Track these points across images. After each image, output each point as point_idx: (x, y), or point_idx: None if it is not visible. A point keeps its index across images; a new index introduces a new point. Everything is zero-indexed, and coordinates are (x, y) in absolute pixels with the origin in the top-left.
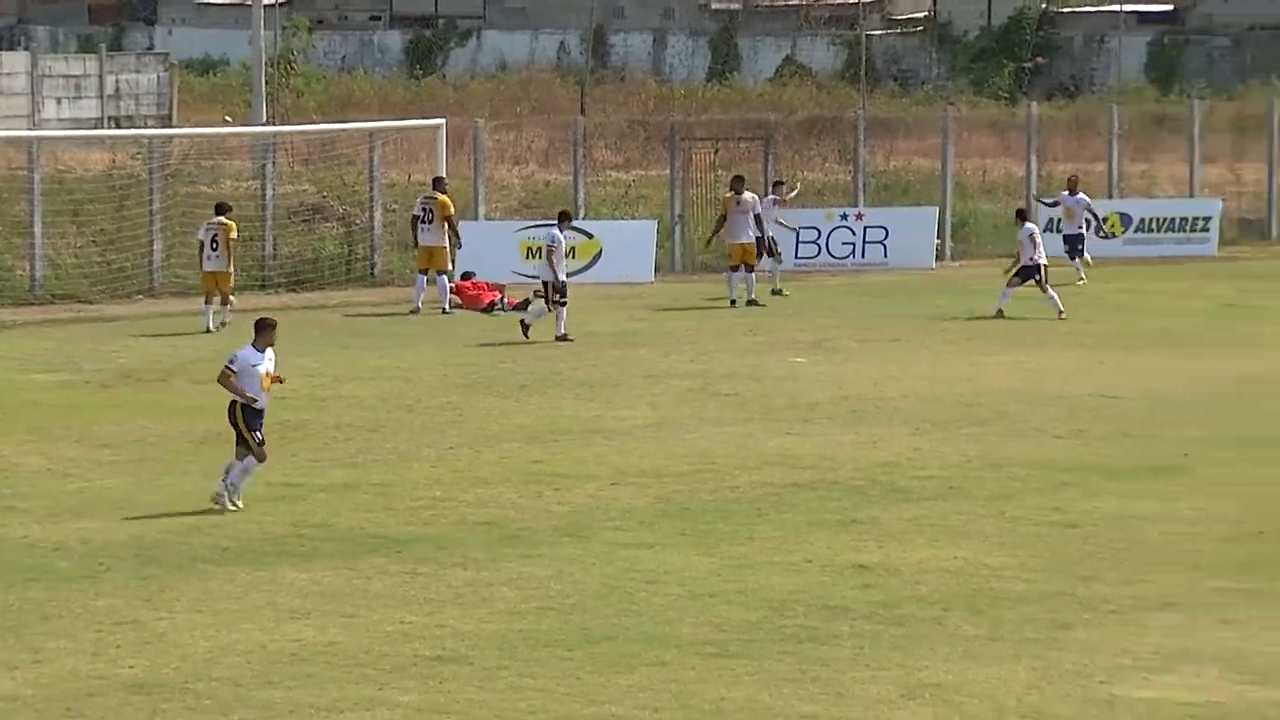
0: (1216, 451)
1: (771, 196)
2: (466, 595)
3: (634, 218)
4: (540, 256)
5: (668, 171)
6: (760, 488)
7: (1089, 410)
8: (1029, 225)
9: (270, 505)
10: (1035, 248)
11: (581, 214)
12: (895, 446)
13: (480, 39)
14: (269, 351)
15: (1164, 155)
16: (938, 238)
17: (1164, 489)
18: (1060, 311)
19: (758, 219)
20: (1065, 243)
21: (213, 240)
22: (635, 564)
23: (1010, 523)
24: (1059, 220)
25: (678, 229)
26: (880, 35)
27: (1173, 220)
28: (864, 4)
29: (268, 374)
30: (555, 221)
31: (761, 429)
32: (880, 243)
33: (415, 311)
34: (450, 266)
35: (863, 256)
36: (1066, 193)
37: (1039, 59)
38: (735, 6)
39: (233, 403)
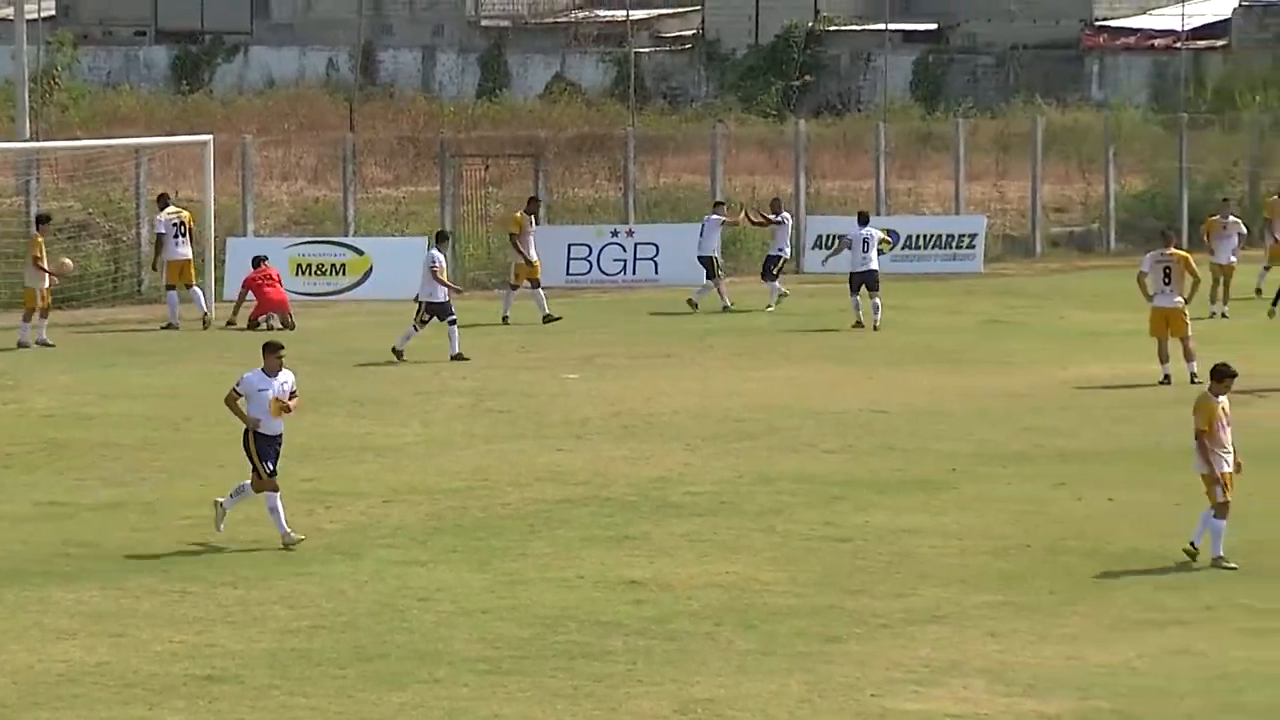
0: (982, 467)
1: (716, 216)
2: (237, 614)
3: (405, 235)
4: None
5: (438, 188)
6: (533, 504)
7: (858, 425)
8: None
9: (37, 524)
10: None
11: (351, 231)
12: (667, 462)
13: (247, 55)
14: (282, 375)
15: (930, 173)
16: None
17: (932, 503)
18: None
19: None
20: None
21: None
22: (407, 581)
23: (781, 537)
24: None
25: (448, 245)
26: (649, 53)
27: (939, 237)
28: (632, 22)
29: (276, 399)
30: (434, 241)
31: (534, 445)
32: (651, 259)
33: (173, 327)
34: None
35: (634, 273)
36: (773, 214)
37: (807, 77)
38: (505, 24)
39: (246, 432)
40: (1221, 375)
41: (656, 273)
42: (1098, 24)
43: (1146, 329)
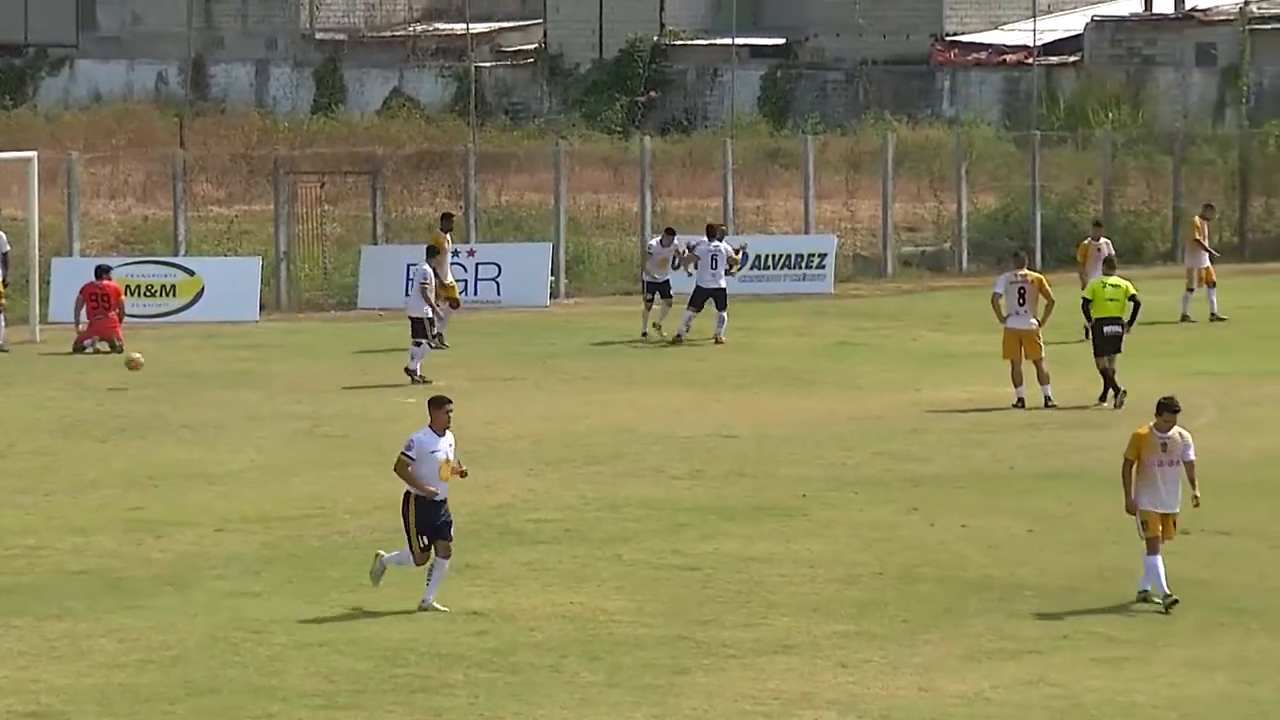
0: (833, 492)
1: (658, 239)
2: (63, 648)
3: (237, 254)
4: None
5: (272, 206)
6: (371, 532)
7: (706, 450)
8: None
9: None
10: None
11: (182, 250)
12: (510, 488)
13: (73, 68)
14: (448, 435)
15: (779, 191)
16: (551, 274)
17: (782, 530)
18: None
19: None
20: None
21: None
22: (240, 613)
23: (628, 566)
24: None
25: (284, 266)
26: (490, 67)
27: (788, 257)
28: (473, 35)
29: (447, 461)
30: (426, 255)
31: (372, 471)
32: (493, 280)
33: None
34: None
35: (475, 294)
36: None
37: (652, 92)
38: (340, 37)
39: (406, 494)
40: (1161, 409)
41: (498, 294)
42: (948, 39)
43: (1000, 351)
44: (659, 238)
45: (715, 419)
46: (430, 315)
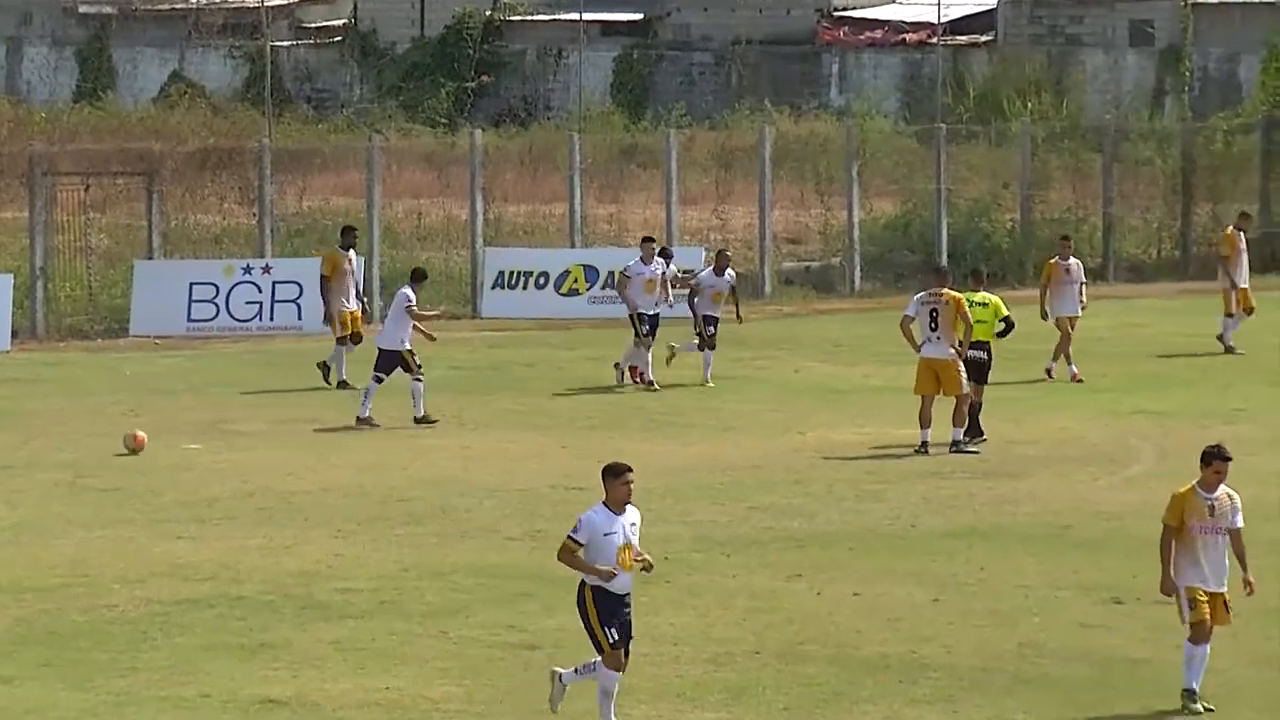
0: (701, 554)
1: (637, 258)
2: None
3: None
4: None
5: (27, 213)
6: (145, 605)
7: (550, 504)
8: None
9: None
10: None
11: None
12: (313, 552)
13: None
14: (629, 511)
15: (636, 195)
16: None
17: (641, 599)
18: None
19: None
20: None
21: None
22: None
23: (456, 644)
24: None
25: (40, 285)
26: (289, 47)
27: None
28: (268, 8)
29: (627, 546)
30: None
31: (147, 532)
32: (293, 301)
33: None
34: None
35: (271, 319)
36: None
37: (484, 77)
38: (109, 10)
39: (581, 585)
40: (1209, 458)
41: (300, 318)
42: (837, 14)
43: (899, 385)
44: (639, 254)
45: (560, 468)
46: (409, 348)
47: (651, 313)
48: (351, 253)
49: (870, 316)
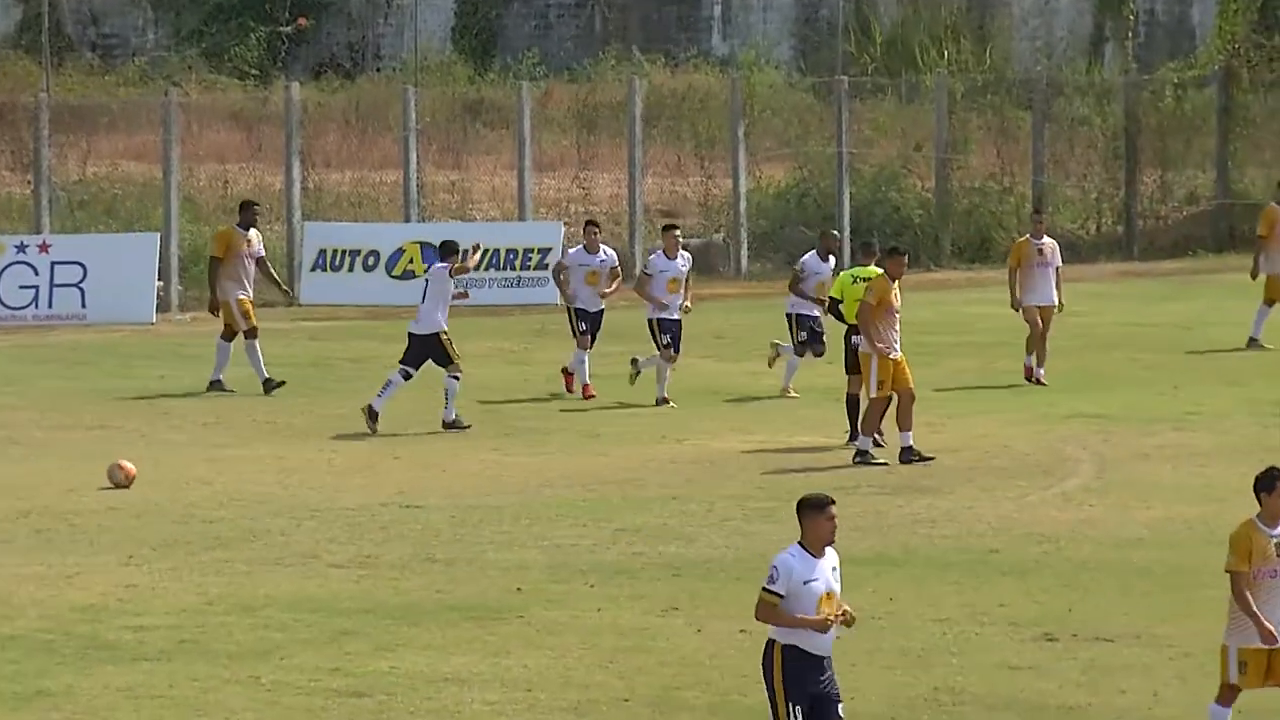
0: (560, 585)
1: (580, 245)
2: None
3: None
4: None
5: None
6: None
7: (380, 526)
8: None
9: None
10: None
11: None
12: (100, 583)
13: None
14: (830, 554)
15: (483, 159)
16: (159, 279)
17: (488, 638)
18: None
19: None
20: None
21: None
22: None
23: (269, 691)
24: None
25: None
26: None
27: (497, 254)
28: None
29: (829, 595)
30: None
31: None
32: (75, 286)
33: None
34: None
35: (50, 306)
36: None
37: (301, 21)
38: None
39: (770, 644)
40: (1270, 482)
41: (84, 305)
42: None
43: (794, 384)
44: (583, 240)
45: (393, 483)
46: (447, 331)
47: (675, 318)
48: (253, 233)
49: (759, 303)
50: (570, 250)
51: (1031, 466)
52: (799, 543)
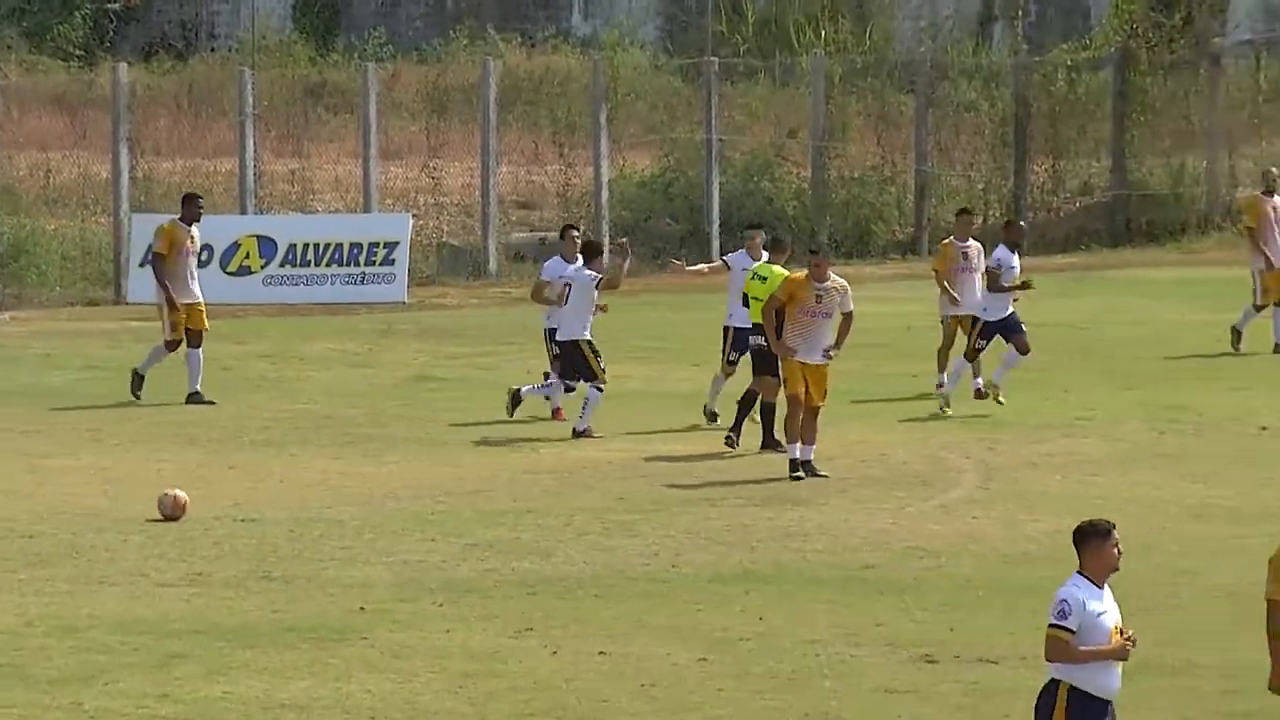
0: (406, 604)
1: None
2: None
3: None
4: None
5: None
6: None
7: (213, 541)
8: None
9: None
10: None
11: None
12: None
13: None
14: (1105, 592)
15: (324, 147)
16: None
17: (329, 662)
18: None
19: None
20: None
21: None
22: None
23: (93, 718)
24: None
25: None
26: None
27: (339, 248)
28: None
29: (1117, 628)
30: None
31: None
32: None
33: None
34: None
35: None
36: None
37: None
38: None
39: (1053, 687)
40: None
41: None
42: None
43: (661, 388)
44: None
45: (227, 494)
46: (590, 339)
47: (748, 325)
48: (195, 228)
49: (623, 301)
50: (546, 263)
51: (910, 476)
52: (1079, 573)
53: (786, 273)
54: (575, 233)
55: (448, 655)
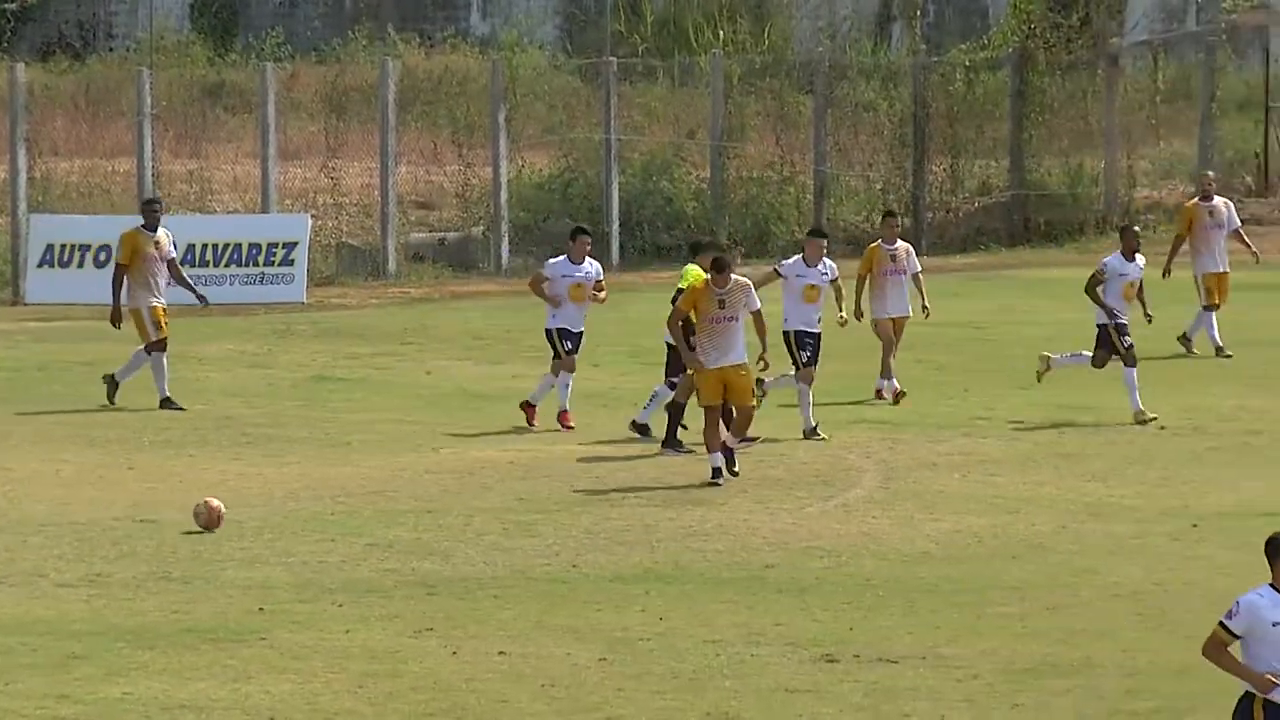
0: (305, 604)
1: (562, 258)
2: None
3: None
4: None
5: None
6: None
7: (112, 542)
8: None
9: None
10: None
11: None
12: None
13: None
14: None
15: (224, 147)
16: None
17: (228, 662)
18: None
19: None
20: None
21: None
22: None
23: None
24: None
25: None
26: None
27: (238, 248)
28: None
29: None
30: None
31: None
32: None
33: None
34: None
35: None
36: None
37: None
38: None
39: (1247, 698)
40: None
41: None
42: None
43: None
44: (566, 251)
45: (125, 496)
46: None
47: (815, 331)
48: (161, 232)
49: (521, 302)
50: (552, 260)
51: (811, 476)
52: (1270, 584)
53: (697, 271)
54: (586, 237)
55: (347, 656)
